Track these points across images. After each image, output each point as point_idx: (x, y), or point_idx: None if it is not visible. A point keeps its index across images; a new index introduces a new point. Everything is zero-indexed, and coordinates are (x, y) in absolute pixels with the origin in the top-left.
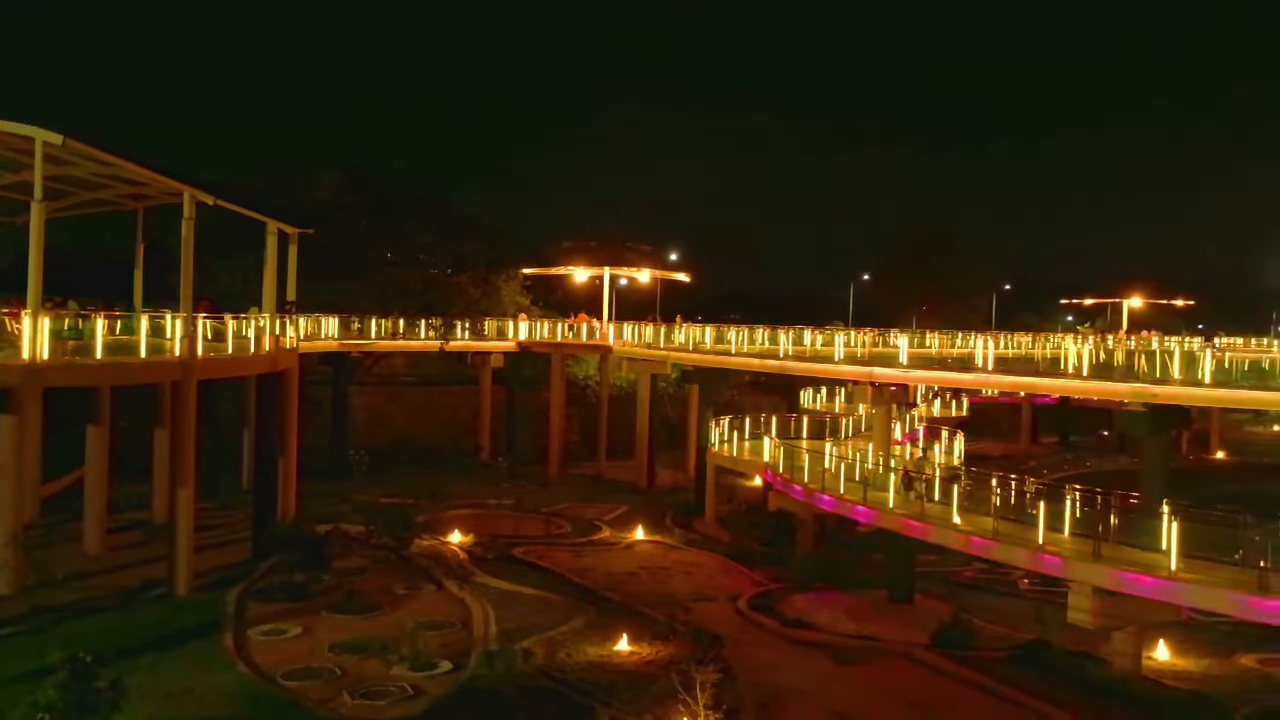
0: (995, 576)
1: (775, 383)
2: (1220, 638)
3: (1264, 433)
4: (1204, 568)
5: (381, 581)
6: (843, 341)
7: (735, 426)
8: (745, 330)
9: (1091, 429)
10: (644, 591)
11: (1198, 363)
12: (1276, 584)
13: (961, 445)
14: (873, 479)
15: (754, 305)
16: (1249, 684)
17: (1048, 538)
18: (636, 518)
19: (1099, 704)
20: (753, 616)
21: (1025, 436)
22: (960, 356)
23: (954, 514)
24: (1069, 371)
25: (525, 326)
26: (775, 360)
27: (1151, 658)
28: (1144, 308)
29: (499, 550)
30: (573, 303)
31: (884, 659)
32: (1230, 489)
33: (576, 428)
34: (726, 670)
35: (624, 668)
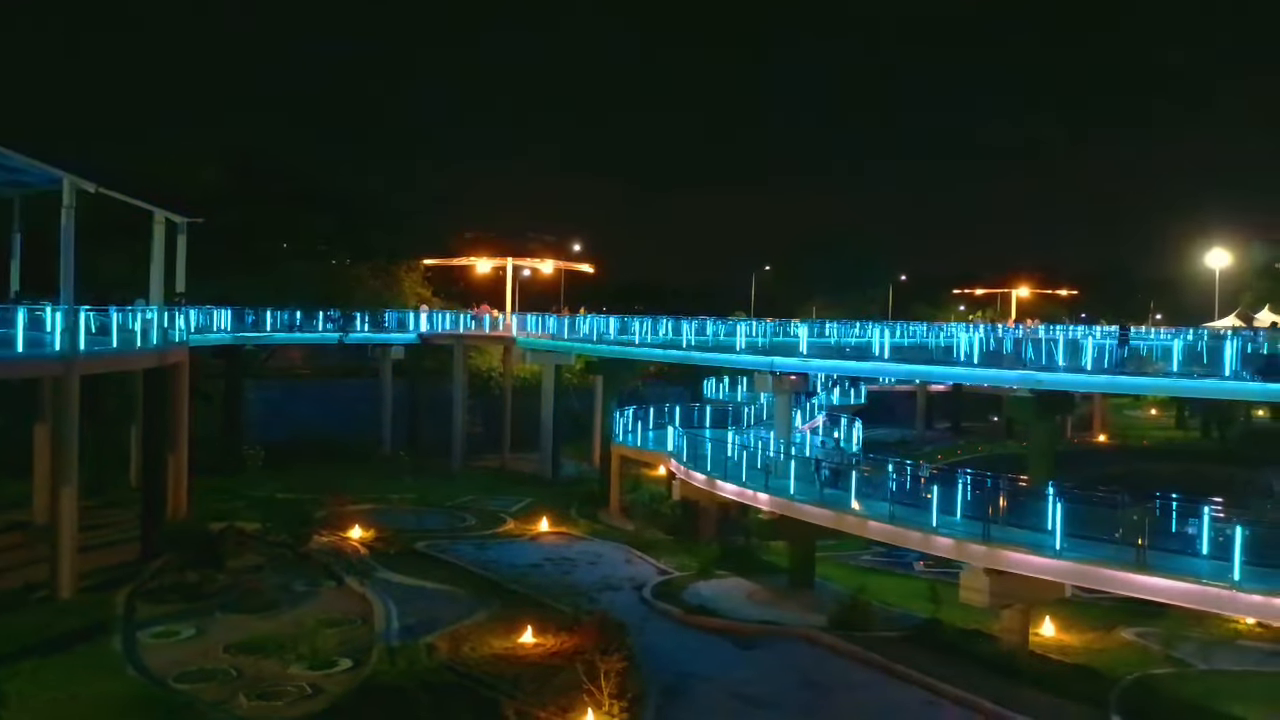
0: (893, 559)
1: (679, 373)
2: (1102, 613)
3: (1142, 416)
4: (1086, 547)
5: (279, 579)
6: (744, 331)
7: (639, 417)
8: (649, 321)
9: (982, 415)
10: (549, 583)
11: (1080, 349)
12: (1153, 561)
13: (860, 432)
14: (774, 466)
15: (658, 296)
16: (1128, 657)
17: (941, 521)
18: (541, 509)
19: (989, 679)
20: (657, 605)
21: (920, 422)
22: (858, 346)
23: (852, 500)
24: (960, 360)
25: (426, 318)
26: (679, 351)
27: (1038, 634)
28: (1031, 297)
29: (401, 545)
30: (476, 294)
31: (785, 642)
32: (1111, 470)
33: (480, 420)
34: (631, 658)
35: (529, 659)
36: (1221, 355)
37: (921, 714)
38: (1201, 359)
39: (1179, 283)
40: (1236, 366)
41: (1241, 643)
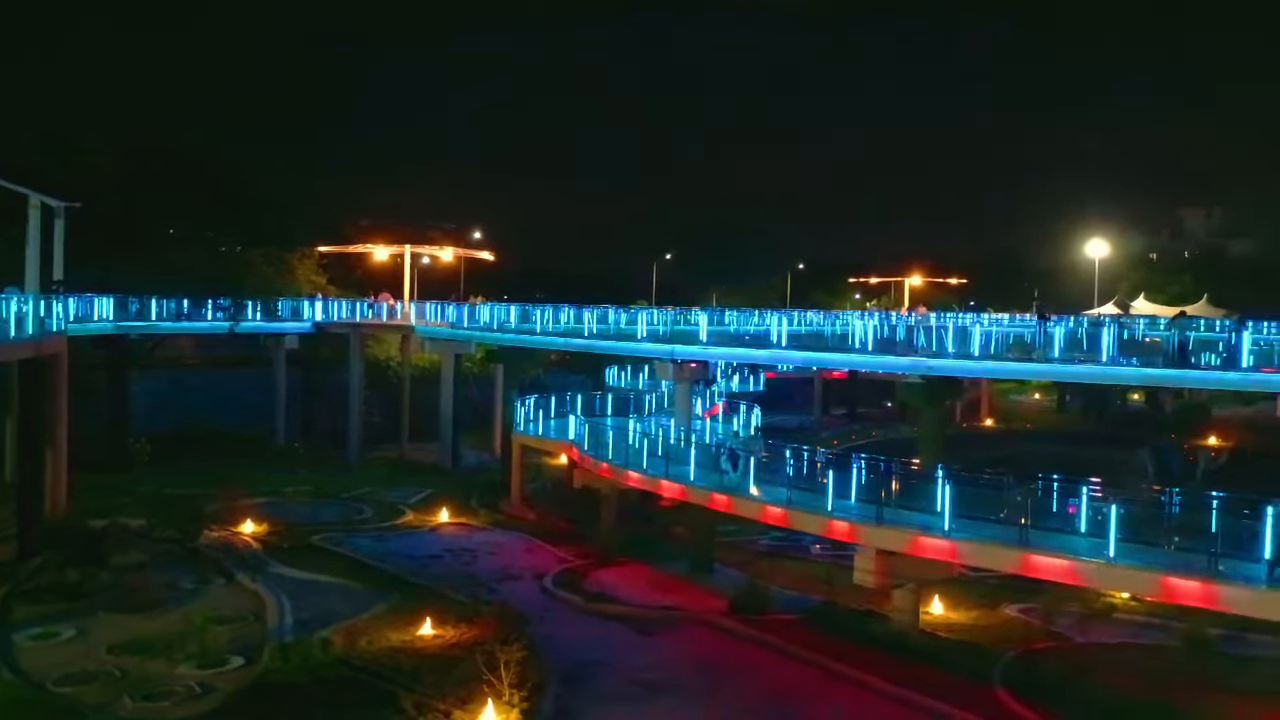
0: (790, 543)
1: (581, 361)
2: (988, 591)
3: (1027, 401)
4: (973, 527)
5: (166, 577)
6: (646, 320)
7: (541, 405)
8: (550, 309)
9: (877, 400)
10: (449, 574)
11: (968, 336)
12: (1036, 540)
13: (758, 419)
14: (675, 454)
15: (559, 284)
16: (1012, 632)
17: (836, 505)
18: (441, 500)
19: (880, 657)
20: (558, 593)
21: (817, 409)
22: (757, 333)
23: (751, 485)
24: (856, 347)
25: (322, 306)
26: (580, 339)
27: (928, 612)
28: (923, 285)
29: (296, 539)
30: (373, 282)
31: (685, 627)
32: (997, 453)
33: (378, 410)
34: (532, 648)
35: (428, 652)
36: (1099, 342)
37: (814, 693)
38: (1081, 345)
39: (1061, 272)
40: (1114, 352)
41: (1117, 616)
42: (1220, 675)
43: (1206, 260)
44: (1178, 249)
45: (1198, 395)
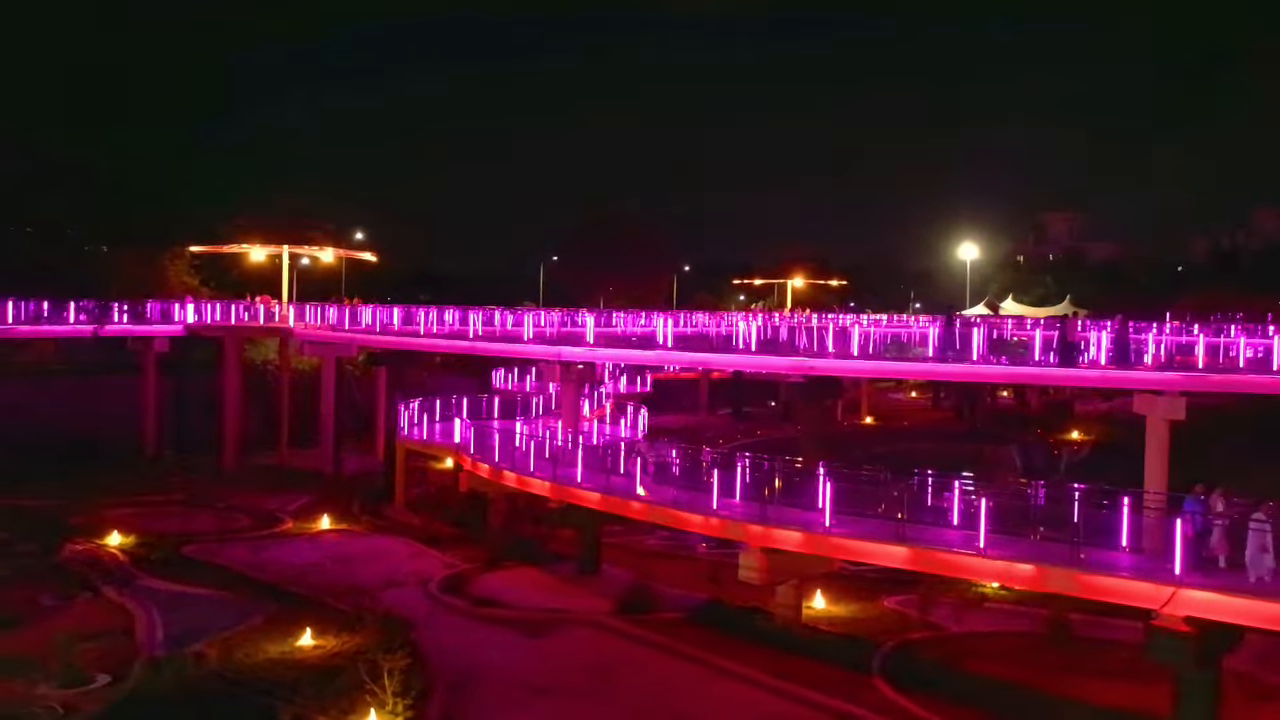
0: (677, 543)
1: (467, 363)
2: (867, 584)
3: (904, 399)
4: (853, 523)
5: (25, 593)
6: (532, 321)
7: (426, 409)
8: (435, 311)
9: (762, 400)
10: (330, 582)
11: (848, 337)
12: (911, 534)
13: (645, 419)
14: (562, 455)
15: (445, 285)
16: (890, 624)
17: (721, 504)
18: (323, 507)
19: (765, 652)
20: (444, 599)
21: (704, 409)
22: (644, 334)
23: (637, 485)
24: (740, 348)
25: (194, 308)
26: (465, 341)
27: (810, 607)
28: (805, 287)
29: (167, 550)
30: (251, 283)
31: (572, 629)
32: (876, 450)
33: (256, 416)
34: (417, 655)
35: (308, 662)
36: (971, 342)
37: (700, 690)
38: (954, 344)
39: (935, 274)
40: (983, 351)
41: (988, 605)
42: (1081, 658)
43: (1068, 263)
44: (1042, 252)
45: (1062, 393)
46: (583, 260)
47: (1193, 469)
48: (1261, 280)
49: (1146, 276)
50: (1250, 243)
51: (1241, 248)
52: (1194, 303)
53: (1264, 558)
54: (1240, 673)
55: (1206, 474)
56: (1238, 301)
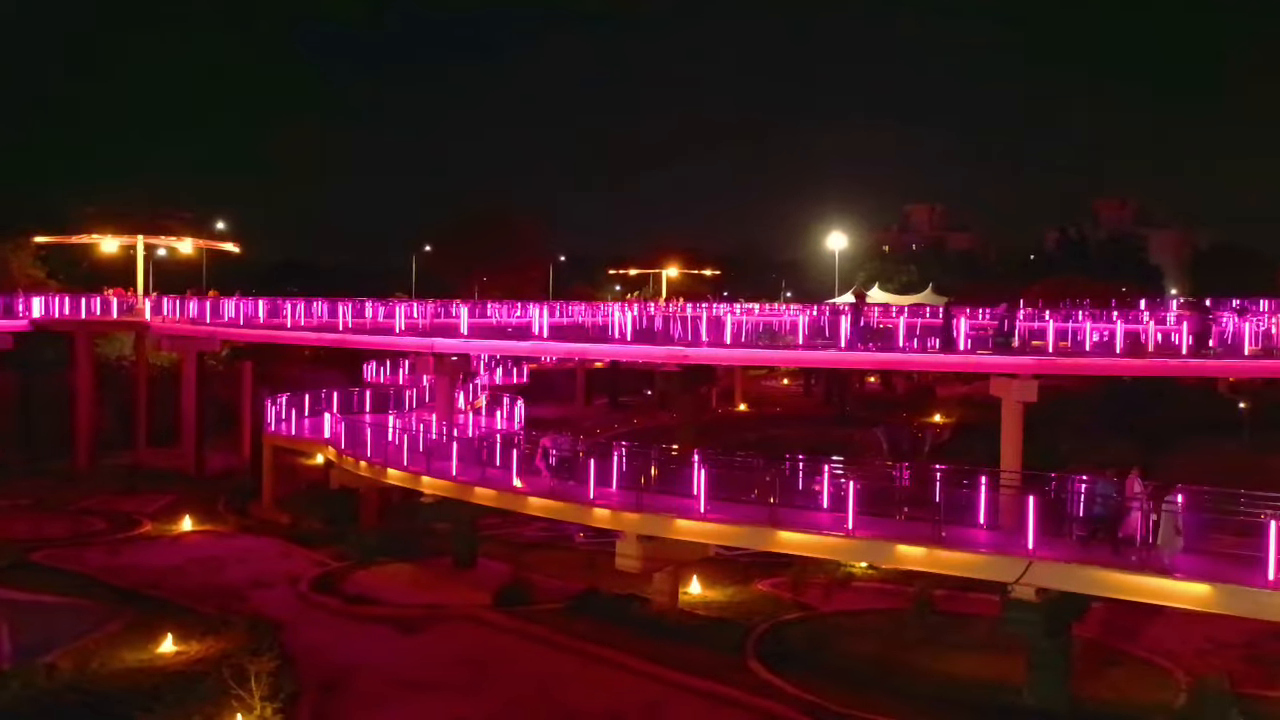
0: (555, 534)
1: (338, 357)
2: (741, 568)
3: (776, 386)
4: (727, 508)
5: None
6: (404, 313)
7: (294, 404)
8: (303, 303)
9: (638, 389)
10: (193, 585)
11: (721, 326)
12: (783, 518)
13: (522, 411)
14: (436, 449)
15: (315, 277)
16: (764, 606)
17: (598, 493)
18: (185, 507)
19: (642, 639)
20: (315, 598)
21: (580, 399)
22: (519, 325)
23: (513, 477)
24: (616, 337)
25: (40, 302)
26: (334, 333)
27: (686, 592)
28: (679, 277)
29: (13, 557)
30: (104, 275)
31: (449, 624)
32: (750, 436)
33: (111, 414)
34: (286, 656)
35: (170, 669)
36: (839, 329)
37: (578, 679)
38: (824, 333)
39: (805, 263)
40: (849, 338)
41: (857, 584)
42: (943, 632)
43: (930, 253)
44: (906, 242)
45: (925, 377)
46: (457, 252)
47: (1046, 448)
48: (1105, 267)
49: (1002, 265)
50: (1095, 233)
51: (1089, 237)
52: (1045, 289)
53: (1176, 539)
54: (1088, 640)
55: (1058, 452)
56: (1085, 288)
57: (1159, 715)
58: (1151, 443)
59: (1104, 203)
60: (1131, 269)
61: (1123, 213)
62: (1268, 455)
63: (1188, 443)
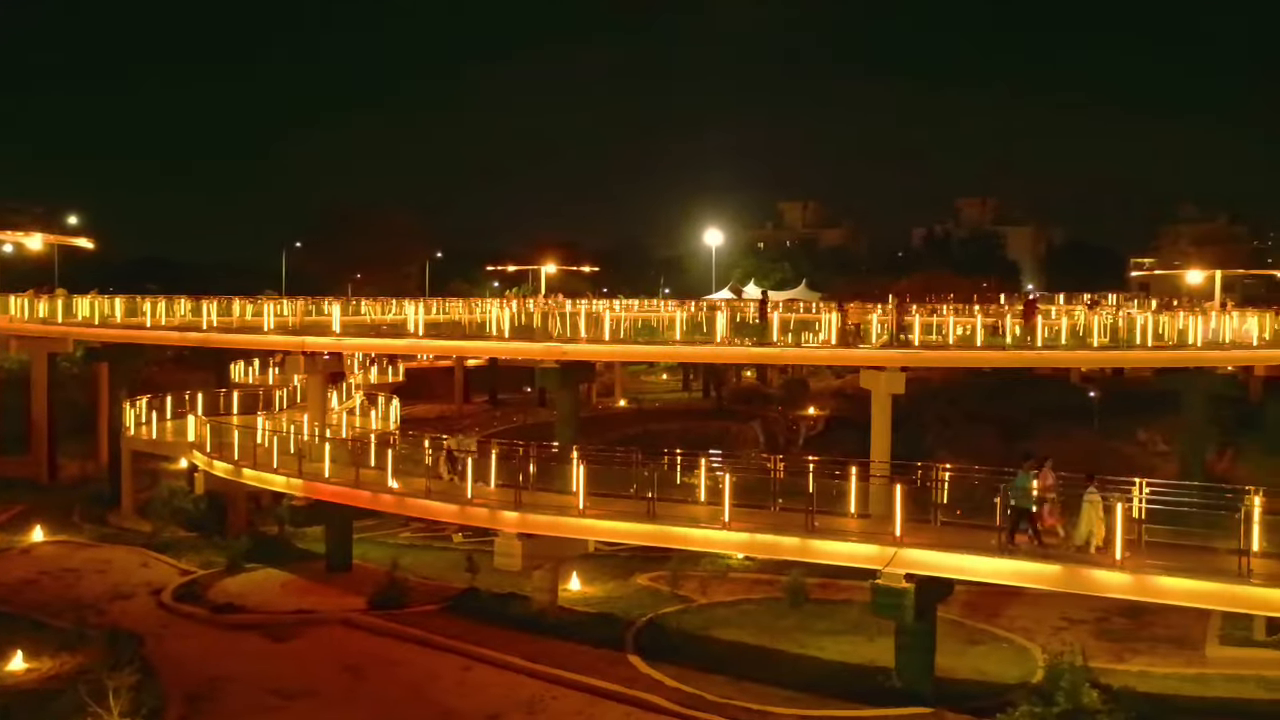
0: (433, 534)
1: (202, 357)
2: (621, 563)
3: (656, 381)
4: (607, 504)
5: None
6: (273, 311)
7: (155, 406)
8: (164, 301)
9: (517, 386)
10: (47, 599)
11: (600, 322)
12: (661, 512)
13: (398, 410)
14: (308, 450)
15: (178, 274)
16: (643, 600)
17: (476, 491)
18: (36, 517)
19: (522, 637)
20: (179, 608)
21: (458, 397)
22: (395, 323)
23: (389, 478)
24: (494, 334)
25: None
26: (198, 332)
27: (566, 589)
28: (558, 273)
29: None
30: None
31: (322, 629)
32: (630, 431)
33: None
34: (149, 670)
35: (21, 688)
36: (715, 325)
37: (457, 680)
38: (701, 328)
39: (683, 259)
40: (725, 333)
41: (734, 575)
42: (816, 619)
43: (803, 249)
44: (780, 239)
45: (799, 371)
46: (329, 249)
47: (913, 437)
48: (967, 263)
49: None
50: (958, 231)
51: (952, 234)
52: (912, 285)
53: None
54: (952, 621)
55: (924, 441)
56: (949, 283)
57: (1017, 691)
58: (1010, 431)
59: (966, 201)
60: (992, 265)
61: (983, 211)
62: (1115, 440)
63: (1043, 430)
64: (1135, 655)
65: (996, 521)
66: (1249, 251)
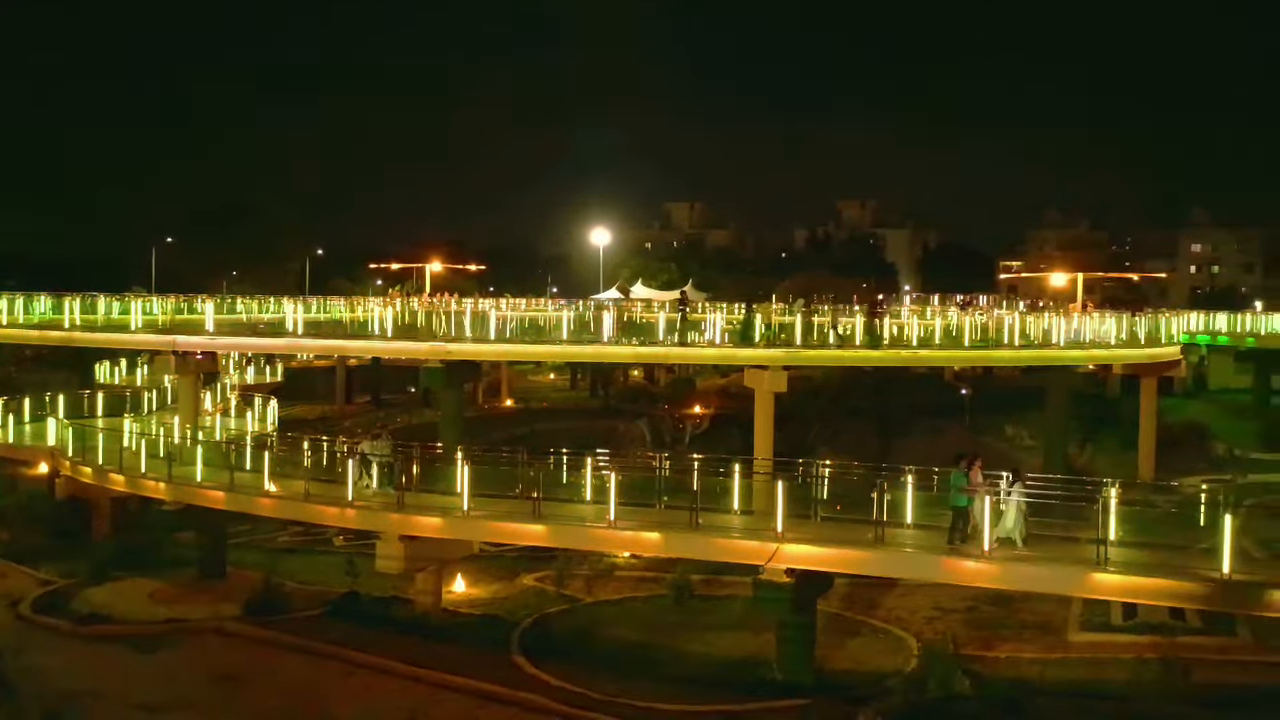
0: (312, 538)
1: (65, 357)
2: (507, 563)
3: (543, 381)
4: (492, 504)
5: None
6: (141, 308)
7: (13, 409)
8: (22, 298)
9: (401, 386)
10: None
11: (486, 321)
12: (547, 512)
13: (276, 411)
14: (179, 453)
15: (38, 270)
16: (529, 600)
17: (357, 494)
18: None
19: (404, 641)
20: (39, 620)
21: (340, 398)
22: (273, 321)
23: (265, 481)
24: (377, 333)
25: None
26: (59, 331)
27: (451, 591)
28: (444, 272)
29: None
30: None
31: (195, 638)
32: (516, 432)
33: None
34: (5, 686)
35: None
36: (602, 324)
37: (338, 687)
38: (589, 327)
39: (570, 259)
40: (613, 333)
41: (620, 574)
42: (701, 615)
43: (690, 249)
44: (667, 239)
45: (686, 369)
46: (204, 245)
47: (796, 435)
48: (847, 264)
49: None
50: (839, 232)
51: (833, 236)
52: (794, 285)
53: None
54: (832, 614)
55: (806, 438)
56: (829, 283)
57: (893, 680)
58: (887, 428)
59: (846, 203)
60: (870, 266)
61: (863, 213)
62: (985, 435)
63: (918, 426)
64: (1003, 642)
65: (873, 516)
66: (1109, 256)
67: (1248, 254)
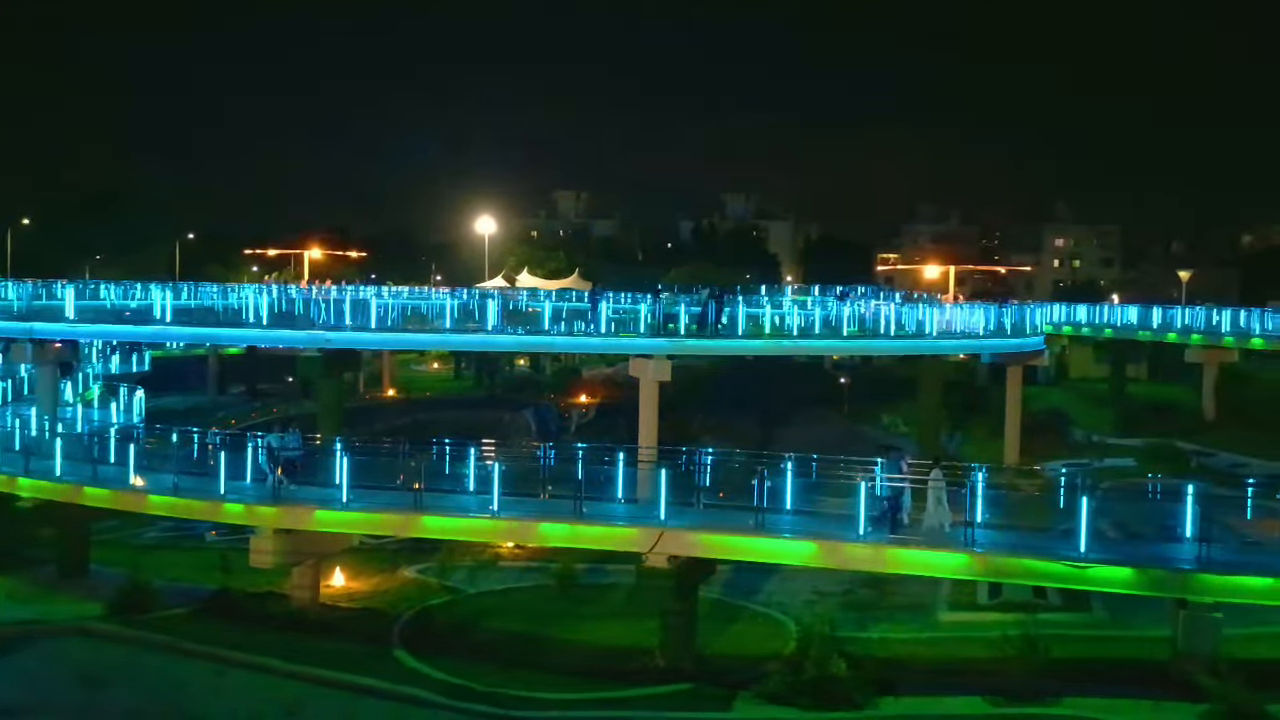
0: (183, 532)
1: None
2: (388, 556)
3: (426, 371)
4: (372, 496)
5: None
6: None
7: None
8: None
9: (278, 376)
10: None
11: (367, 309)
12: (430, 503)
13: (142, 402)
14: (37, 447)
15: None
16: (410, 593)
17: (230, 488)
18: None
19: (281, 638)
20: None
21: (213, 388)
22: (140, 309)
23: (132, 475)
24: (251, 322)
25: None
26: None
27: (329, 585)
28: (324, 258)
29: None
30: None
31: (52, 640)
32: (398, 422)
33: None
34: None
35: None
36: (487, 313)
37: (212, 686)
38: (473, 316)
39: (454, 247)
40: (498, 322)
41: (503, 564)
42: (585, 604)
43: (576, 238)
44: (554, 228)
45: (571, 359)
46: (65, 228)
47: (680, 424)
48: (731, 255)
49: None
50: (723, 224)
51: (718, 228)
52: (681, 275)
53: (941, 510)
54: (714, 600)
55: (690, 427)
56: (714, 274)
57: (772, 663)
58: (769, 416)
59: (730, 195)
60: (754, 257)
61: (746, 204)
62: (863, 424)
63: (799, 415)
64: (877, 623)
65: (754, 503)
66: (980, 249)
67: (1107, 249)
